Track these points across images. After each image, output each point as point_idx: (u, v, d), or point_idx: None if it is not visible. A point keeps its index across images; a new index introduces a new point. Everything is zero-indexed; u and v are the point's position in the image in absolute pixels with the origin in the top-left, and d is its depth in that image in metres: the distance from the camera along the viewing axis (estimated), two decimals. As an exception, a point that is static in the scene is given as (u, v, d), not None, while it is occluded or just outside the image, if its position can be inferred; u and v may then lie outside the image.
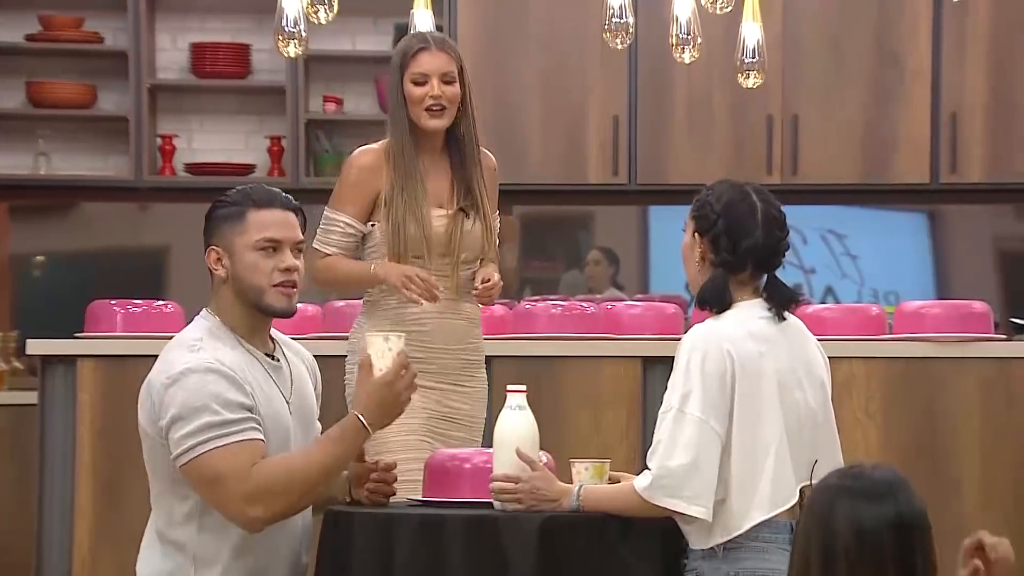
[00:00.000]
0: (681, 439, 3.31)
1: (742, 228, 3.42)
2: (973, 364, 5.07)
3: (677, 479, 3.30)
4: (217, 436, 3.26)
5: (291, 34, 4.29)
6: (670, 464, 3.30)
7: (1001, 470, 5.04)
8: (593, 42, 6.46)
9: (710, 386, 3.33)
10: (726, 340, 3.36)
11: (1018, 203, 7.20)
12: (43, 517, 5.05)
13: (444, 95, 4.25)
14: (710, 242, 3.44)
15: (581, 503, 3.37)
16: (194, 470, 3.28)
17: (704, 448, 3.30)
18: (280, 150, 7.11)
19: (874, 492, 2.44)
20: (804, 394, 3.45)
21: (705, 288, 3.45)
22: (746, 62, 4.60)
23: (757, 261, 3.44)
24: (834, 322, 5.15)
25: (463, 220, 4.30)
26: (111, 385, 4.98)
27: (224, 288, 3.43)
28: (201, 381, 3.28)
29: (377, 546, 3.35)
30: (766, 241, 3.44)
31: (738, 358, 3.35)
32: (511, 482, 3.37)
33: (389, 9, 7.08)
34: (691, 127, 6.94)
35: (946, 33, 6.92)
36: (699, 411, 3.31)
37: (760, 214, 3.44)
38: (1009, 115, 6.94)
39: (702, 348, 3.36)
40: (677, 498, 3.30)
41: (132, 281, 6.82)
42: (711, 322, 3.43)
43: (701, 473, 3.30)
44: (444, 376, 4.29)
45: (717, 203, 3.45)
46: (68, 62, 7.12)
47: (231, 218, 3.41)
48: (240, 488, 3.24)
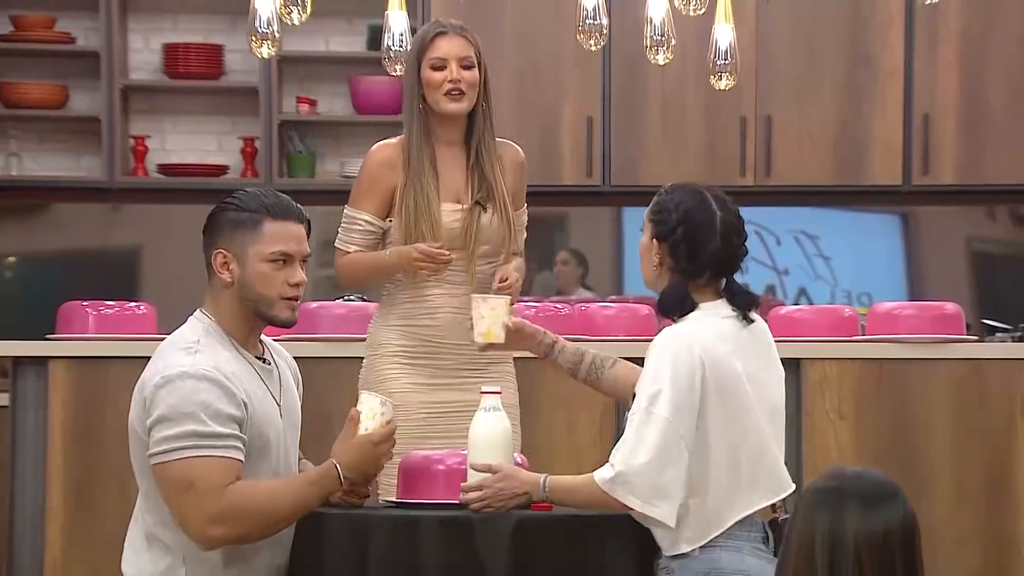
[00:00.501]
0: (647, 439, 3.31)
1: (701, 237, 3.44)
2: (945, 365, 5.08)
3: (638, 477, 3.30)
4: (199, 445, 3.25)
5: (264, 35, 4.28)
6: (633, 461, 3.31)
7: (973, 471, 5.06)
8: (567, 44, 6.46)
9: (679, 387, 3.33)
10: (695, 341, 3.37)
11: (990, 205, 7.23)
12: (14, 519, 5.03)
13: (463, 79, 4.20)
14: (669, 248, 3.46)
15: (547, 493, 3.37)
16: (167, 472, 3.27)
17: (668, 450, 3.31)
18: (253, 151, 7.09)
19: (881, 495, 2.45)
20: (771, 390, 3.47)
21: (665, 296, 3.48)
22: (719, 64, 4.61)
23: (715, 268, 3.46)
24: (807, 323, 5.16)
25: (479, 214, 4.24)
26: (83, 387, 4.95)
27: (226, 292, 3.42)
28: (195, 388, 3.27)
29: (352, 547, 3.34)
30: (724, 249, 3.45)
31: (708, 359, 3.36)
32: (475, 491, 3.38)
33: (363, 10, 7.07)
34: (665, 129, 6.95)
35: (918, 35, 6.95)
36: (667, 412, 3.32)
37: (719, 223, 3.45)
38: (981, 117, 6.96)
39: (671, 350, 3.37)
40: (635, 496, 3.30)
41: (104, 282, 6.79)
42: (679, 324, 3.44)
43: (662, 475, 3.30)
44: (460, 371, 4.20)
45: (676, 210, 3.45)
46: (40, 62, 7.09)
47: (245, 225, 3.39)
48: (208, 504, 3.24)
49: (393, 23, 4.40)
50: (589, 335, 5.18)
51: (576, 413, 5.04)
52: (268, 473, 3.40)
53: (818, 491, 2.49)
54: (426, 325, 4.20)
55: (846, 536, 2.41)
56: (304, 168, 7.14)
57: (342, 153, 7.21)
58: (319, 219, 7.32)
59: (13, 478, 5.03)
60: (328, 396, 4.98)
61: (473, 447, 3.45)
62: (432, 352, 4.18)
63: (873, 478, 2.46)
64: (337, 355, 5.00)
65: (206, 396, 3.26)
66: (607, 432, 5.02)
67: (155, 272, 7.06)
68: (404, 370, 4.22)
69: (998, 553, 5.04)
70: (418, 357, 4.22)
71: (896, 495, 2.45)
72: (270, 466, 3.42)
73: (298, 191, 7.26)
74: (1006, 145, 6.96)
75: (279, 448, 3.43)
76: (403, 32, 4.42)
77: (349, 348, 5.00)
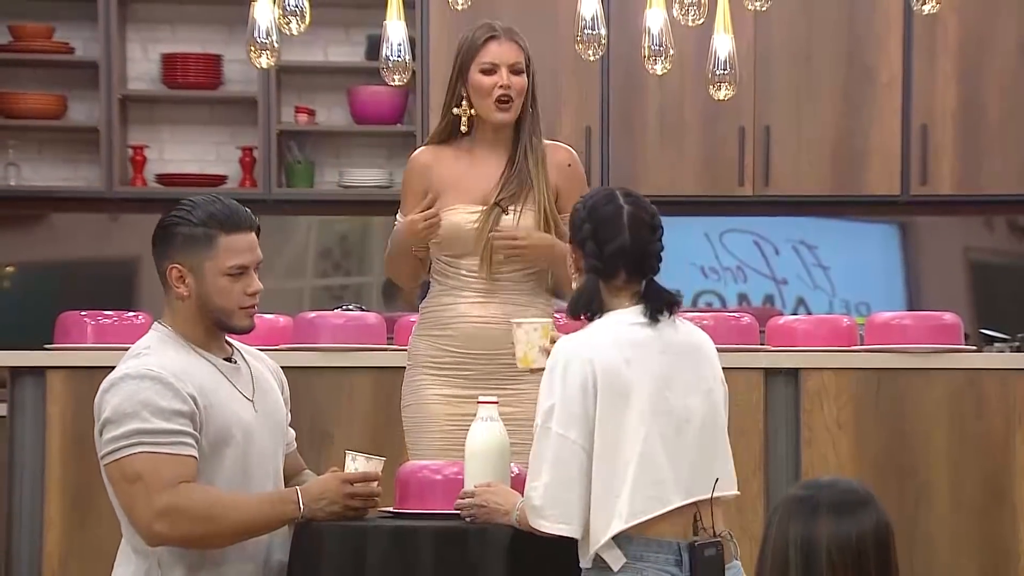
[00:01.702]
0: (546, 456, 3.24)
1: (607, 231, 3.35)
2: (943, 375, 5.08)
3: (543, 499, 3.23)
4: (144, 442, 3.27)
5: (263, 45, 4.28)
6: (536, 484, 3.24)
7: (970, 481, 5.05)
8: (565, 53, 6.46)
9: (570, 398, 3.24)
10: (589, 349, 3.27)
11: (988, 215, 7.23)
12: (12, 530, 5.02)
13: (513, 86, 4.18)
14: (579, 247, 3.38)
15: (518, 516, 3.31)
16: (116, 469, 3.29)
17: (566, 464, 3.23)
18: (252, 161, 7.10)
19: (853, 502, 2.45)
20: (684, 400, 3.32)
21: (575, 295, 3.38)
22: (718, 74, 4.61)
23: (628, 265, 3.35)
24: (805, 333, 5.16)
25: (498, 216, 4.15)
26: (81, 397, 4.95)
27: (183, 305, 3.44)
28: (135, 387, 3.29)
29: (349, 558, 3.34)
30: (633, 244, 3.35)
31: (600, 367, 3.25)
32: (468, 496, 3.37)
33: (361, 20, 7.08)
34: (663, 138, 6.95)
35: (917, 45, 6.95)
36: (560, 426, 3.23)
37: (626, 216, 3.36)
38: (979, 127, 6.97)
39: (563, 360, 3.28)
40: (543, 519, 3.24)
41: (102, 292, 6.79)
42: (579, 333, 3.35)
43: (565, 490, 3.22)
44: (487, 381, 4.09)
45: (583, 208, 3.39)
46: (38, 72, 7.10)
47: (199, 241, 3.40)
48: (155, 498, 3.25)
49: (391, 33, 4.40)
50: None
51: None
52: (232, 470, 3.38)
53: (791, 501, 2.49)
54: (448, 335, 4.15)
55: (819, 544, 2.42)
56: (303, 178, 7.14)
57: (341, 163, 7.22)
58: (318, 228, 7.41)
59: (11, 488, 5.03)
60: (326, 406, 4.98)
61: (468, 457, 3.45)
62: (456, 362, 4.14)
63: (845, 486, 2.47)
64: (335, 365, 5.00)
65: (147, 394, 3.28)
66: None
67: (153, 282, 6.95)
68: (433, 380, 4.17)
69: (995, 563, 5.03)
70: (444, 367, 4.17)
71: (868, 503, 2.45)
72: (232, 463, 3.38)
73: (297, 201, 7.30)
74: (1004, 155, 6.96)
75: (248, 446, 3.41)
76: (401, 42, 4.42)
77: (348, 358, 5.00)
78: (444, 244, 4.17)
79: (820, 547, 2.41)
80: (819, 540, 2.42)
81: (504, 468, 3.44)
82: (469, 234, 4.14)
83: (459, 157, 4.23)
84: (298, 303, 6.91)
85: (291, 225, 7.22)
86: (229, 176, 7.14)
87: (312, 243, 7.25)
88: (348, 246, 7.22)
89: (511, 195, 4.15)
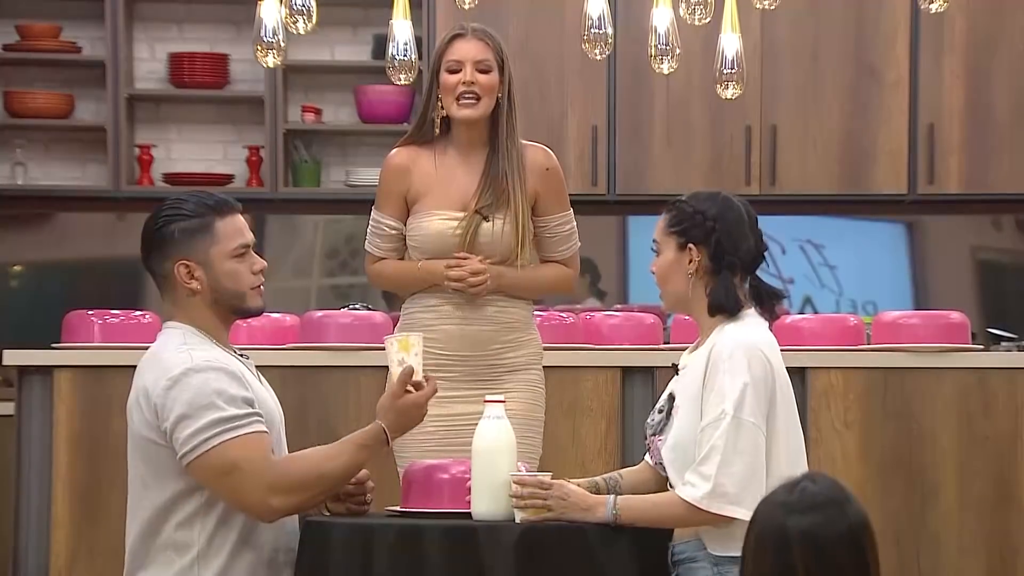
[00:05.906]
0: (740, 446, 3.33)
1: (738, 232, 3.49)
2: (950, 374, 5.08)
3: (739, 487, 3.32)
4: (226, 430, 3.29)
5: (270, 44, 4.28)
6: (731, 471, 3.32)
7: (978, 480, 5.05)
8: (572, 53, 6.47)
9: (759, 391, 3.37)
10: (763, 345, 3.42)
11: (995, 214, 7.23)
12: (20, 528, 5.03)
13: (477, 82, 4.16)
14: (709, 249, 3.47)
15: (618, 512, 3.35)
16: (205, 463, 3.29)
17: (757, 454, 3.34)
18: (258, 160, 7.10)
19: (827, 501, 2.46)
20: None
21: (720, 294, 3.47)
22: (725, 73, 4.61)
23: (747, 265, 3.51)
24: (812, 332, 5.16)
25: (478, 223, 4.18)
26: (88, 396, 4.96)
27: (195, 300, 3.44)
28: (203, 379, 3.31)
29: (356, 557, 3.34)
30: (757, 245, 3.52)
31: (773, 363, 3.42)
32: (543, 488, 3.35)
33: (368, 19, 7.08)
34: (670, 137, 6.95)
35: (924, 44, 6.94)
36: (753, 417, 3.35)
37: (747, 216, 3.53)
38: (986, 126, 6.96)
39: (746, 354, 3.39)
40: (739, 505, 3.30)
41: (110, 291, 6.80)
42: (739, 328, 3.45)
43: (757, 478, 3.33)
44: (471, 383, 4.15)
45: (705, 212, 3.49)
46: (45, 72, 7.11)
47: (197, 231, 3.42)
48: (261, 477, 3.28)
49: (398, 32, 4.39)
50: (595, 344, 5.18)
51: (580, 422, 5.04)
52: None
53: (769, 501, 2.51)
54: (431, 337, 4.17)
55: (792, 541, 2.43)
56: (309, 177, 7.14)
57: (347, 162, 7.22)
58: (324, 228, 7.41)
59: (19, 487, 5.04)
60: (334, 405, 4.98)
61: (476, 455, 3.45)
62: (439, 364, 4.14)
63: (821, 484, 2.49)
64: (342, 364, 5.00)
65: (217, 384, 3.31)
66: (612, 441, 5.02)
67: (161, 281, 7.05)
68: None
69: (1003, 562, 5.03)
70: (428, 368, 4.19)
71: (844, 501, 2.47)
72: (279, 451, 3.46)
73: (303, 200, 7.30)
74: (1011, 154, 6.95)
75: (279, 436, 3.49)
76: (408, 41, 4.42)
77: (354, 357, 5.00)
78: (427, 251, 4.21)
79: (793, 544, 2.43)
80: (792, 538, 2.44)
81: (511, 466, 3.44)
82: (451, 241, 4.18)
83: (436, 160, 4.24)
84: (305, 302, 6.91)
85: (298, 224, 7.22)
86: (236, 175, 7.14)
87: (319, 242, 7.25)
88: (355, 245, 7.21)
89: (489, 204, 4.18)
